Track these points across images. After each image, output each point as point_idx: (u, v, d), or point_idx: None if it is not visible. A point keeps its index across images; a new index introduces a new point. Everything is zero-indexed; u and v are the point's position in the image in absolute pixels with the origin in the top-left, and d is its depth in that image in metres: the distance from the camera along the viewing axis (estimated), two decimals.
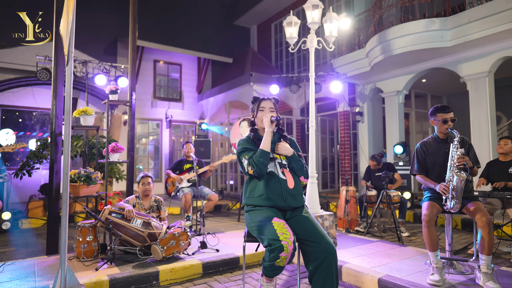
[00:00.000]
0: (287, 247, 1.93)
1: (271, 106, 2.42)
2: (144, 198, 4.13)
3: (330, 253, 2.03)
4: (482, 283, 2.67)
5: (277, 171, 2.27)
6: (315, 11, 4.19)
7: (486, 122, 6.21)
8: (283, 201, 2.21)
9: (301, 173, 2.36)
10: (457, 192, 2.74)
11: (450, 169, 2.82)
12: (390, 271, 3.10)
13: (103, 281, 2.96)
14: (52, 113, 3.98)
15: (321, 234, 2.11)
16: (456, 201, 2.74)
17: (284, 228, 2.02)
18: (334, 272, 2.04)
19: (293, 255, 1.99)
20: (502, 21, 5.35)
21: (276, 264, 1.95)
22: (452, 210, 2.82)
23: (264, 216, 2.14)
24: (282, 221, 2.08)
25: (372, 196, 5.54)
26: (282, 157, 2.33)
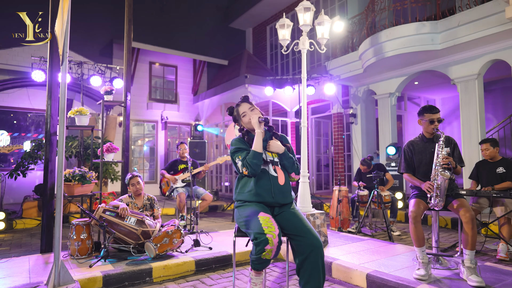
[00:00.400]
0: (272, 240, 2.00)
1: (249, 106, 2.44)
2: (136, 197, 4.18)
3: (316, 247, 2.09)
4: (465, 277, 2.75)
5: (268, 168, 2.33)
6: (307, 13, 4.28)
7: (475, 123, 6.33)
8: (272, 197, 2.27)
9: (292, 170, 2.41)
10: (441, 191, 2.83)
11: (435, 168, 2.91)
12: (379, 267, 3.17)
13: (96, 277, 3.01)
14: (47, 113, 4.03)
15: (308, 229, 2.17)
16: (440, 199, 2.83)
17: (269, 222, 2.08)
18: (320, 265, 2.11)
19: (278, 248, 2.05)
20: (490, 24, 5.47)
21: (263, 257, 2.02)
22: (436, 208, 2.90)
23: (251, 211, 2.21)
24: (268, 216, 2.14)
25: (364, 196, 5.63)
26: (274, 154, 2.39)
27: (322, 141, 11.07)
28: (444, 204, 2.94)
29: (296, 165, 2.42)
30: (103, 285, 3.02)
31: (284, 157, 2.38)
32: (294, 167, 2.40)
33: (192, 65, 12.20)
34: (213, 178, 11.50)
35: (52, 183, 3.97)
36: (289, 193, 2.39)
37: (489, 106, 9.83)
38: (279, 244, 2.05)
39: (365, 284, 3.02)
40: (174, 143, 12.10)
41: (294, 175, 2.45)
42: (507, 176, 4.31)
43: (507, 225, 4.09)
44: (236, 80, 9.72)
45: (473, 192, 4.16)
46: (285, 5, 11.15)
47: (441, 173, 2.82)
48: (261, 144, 2.30)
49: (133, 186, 4.09)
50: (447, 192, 2.98)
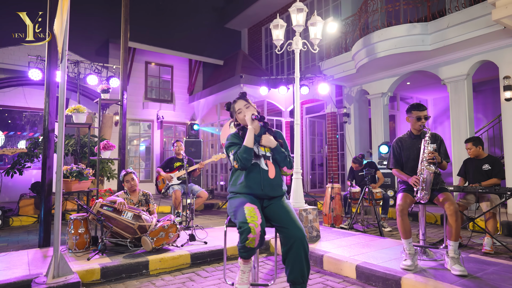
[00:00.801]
0: (254, 229, 2.10)
1: (244, 103, 2.54)
2: (132, 193, 4.27)
3: (298, 238, 2.18)
4: (449, 266, 2.88)
5: (260, 162, 2.44)
6: (300, 14, 4.40)
7: (464, 122, 6.48)
8: (261, 190, 2.38)
9: (284, 164, 2.49)
10: (427, 184, 2.96)
11: (421, 163, 3.04)
12: (368, 259, 3.29)
13: (94, 269, 3.10)
14: (45, 111, 4.10)
15: (292, 220, 2.26)
16: (426, 192, 2.96)
17: (253, 212, 2.19)
18: (303, 256, 2.19)
19: (262, 238, 2.15)
20: (478, 26, 5.63)
21: (247, 245, 2.12)
22: (422, 201, 3.03)
23: (239, 202, 2.32)
24: (253, 206, 2.25)
25: (356, 193, 5.75)
26: (267, 149, 2.49)
27: (317, 140, 11.21)
28: (430, 197, 3.07)
29: (289, 159, 2.50)
30: (101, 277, 3.11)
31: (276, 151, 2.48)
32: (286, 161, 2.48)
33: (188, 65, 12.29)
34: (209, 177, 11.59)
35: (50, 179, 4.04)
36: (279, 186, 2.47)
37: (479, 106, 10.03)
38: (261, 233, 2.14)
39: (354, 275, 3.14)
40: (170, 142, 12.17)
41: (286, 169, 2.52)
42: (493, 172, 4.46)
43: (492, 220, 4.23)
44: (231, 80, 9.82)
45: (460, 188, 4.30)
46: (280, 6, 11.27)
47: (426, 167, 2.95)
48: (252, 139, 2.41)
49: (128, 183, 4.18)
50: (433, 187, 3.10)
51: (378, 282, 2.93)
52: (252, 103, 2.58)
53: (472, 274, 2.79)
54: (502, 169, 4.52)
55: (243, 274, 2.31)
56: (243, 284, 2.29)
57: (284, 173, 2.54)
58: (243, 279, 2.30)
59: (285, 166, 2.50)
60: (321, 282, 3.11)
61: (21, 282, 2.75)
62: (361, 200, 5.51)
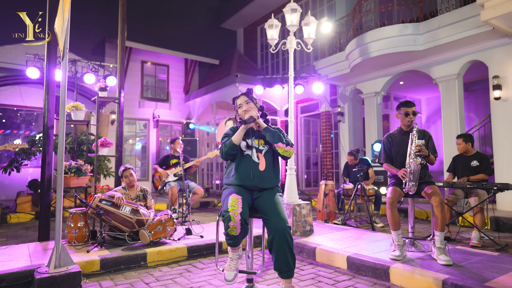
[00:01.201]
0: (234, 217, 2.23)
1: (246, 99, 2.65)
2: (130, 188, 4.36)
3: (280, 229, 2.27)
4: (436, 256, 3.01)
5: (252, 154, 2.55)
6: (294, 14, 4.51)
7: (455, 120, 6.64)
8: (250, 181, 2.49)
9: (279, 140, 2.50)
10: (414, 175, 3.09)
11: (409, 156, 3.17)
12: (359, 251, 3.41)
13: (94, 261, 3.19)
14: (45, 108, 4.18)
15: (276, 212, 2.35)
16: (413, 184, 3.09)
17: (235, 202, 2.31)
18: (286, 246, 2.28)
19: (243, 227, 2.27)
20: (467, 27, 5.78)
21: (229, 233, 2.25)
22: (410, 192, 3.16)
23: (228, 192, 2.45)
24: (237, 196, 2.36)
25: (349, 189, 5.88)
26: (261, 141, 2.59)
27: (312, 139, 11.34)
28: (417, 190, 3.20)
29: (282, 136, 2.53)
30: (100, 268, 3.20)
31: (267, 131, 2.52)
32: (280, 138, 2.50)
33: (183, 64, 12.37)
34: (204, 175, 11.68)
35: (50, 174, 4.12)
36: (269, 178, 2.54)
37: (471, 105, 10.22)
38: (242, 222, 2.25)
39: (345, 265, 3.26)
40: (166, 141, 12.25)
41: (283, 145, 2.49)
42: (481, 168, 4.60)
43: (480, 214, 4.37)
44: (227, 79, 9.92)
45: (450, 183, 4.44)
46: (275, 6, 11.39)
47: (413, 159, 3.09)
48: (241, 137, 2.53)
49: (126, 178, 4.27)
50: (421, 180, 3.24)
51: (368, 272, 3.05)
52: (255, 100, 2.65)
53: (457, 264, 2.92)
54: (490, 166, 4.66)
55: (231, 261, 2.45)
56: (230, 271, 2.43)
57: (282, 151, 2.50)
58: (231, 266, 2.43)
59: (280, 142, 2.50)
60: (313, 272, 3.22)
61: (24, 272, 2.84)
62: (354, 197, 5.64)
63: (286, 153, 2.51)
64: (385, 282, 2.90)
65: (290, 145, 2.53)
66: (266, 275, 3.17)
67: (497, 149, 6.03)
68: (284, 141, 2.51)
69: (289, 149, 2.52)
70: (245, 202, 2.38)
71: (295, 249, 3.88)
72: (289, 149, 2.52)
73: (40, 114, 9.62)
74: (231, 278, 2.41)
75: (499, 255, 3.22)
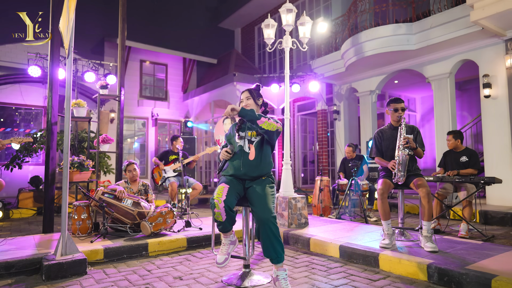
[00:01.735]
0: (218, 204, 2.42)
1: (247, 95, 2.81)
2: (132, 183, 4.51)
3: (264, 220, 2.40)
4: (423, 244, 3.18)
5: (244, 146, 2.71)
6: (289, 14, 4.67)
7: (447, 118, 6.82)
8: (240, 170, 2.66)
9: (260, 116, 2.55)
10: (402, 166, 3.26)
11: (398, 148, 3.34)
12: (350, 241, 3.58)
13: (98, 250, 3.34)
14: (48, 104, 4.32)
15: (261, 203, 2.48)
16: (402, 174, 3.25)
17: (220, 190, 2.50)
18: (271, 236, 2.40)
19: (228, 214, 2.44)
20: (459, 27, 5.96)
21: (216, 219, 2.47)
22: (399, 182, 3.32)
23: (221, 182, 2.64)
24: (224, 185, 2.55)
25: (344, 185, 6.04)
26: (253, 133, 2.74)
27: (308, 138, 11.50)
28: (406, 181, 3.37)
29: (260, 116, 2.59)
30: (104, 257, 3.35)
31: (242, 112, 2.56)
32: (254, 115, 2.55)
33: (182, 63, 12.51)
34: (202, 173, 11.82)
35: (53, 169, 4.26)
36: (258, 167, 2.66)
37: (465, 104, 10.42)
38: (226, 209, 2.43)
39: (338, 254, 3.42)
40: (164, 140, 12.40)
41: (264, 119, 2.55)
42: (470, 164, 4.77)
43: (468, 207, 4.55)
44: (225, 78, 10.07)
45: (439, 178, 4.61)
46: (272, 6, 11.53)
47: (401, 151, 3.26)
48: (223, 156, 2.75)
49: (130, 172, 4.41)
50: (409, 173, 3.41)
51: (359, 259, 3.21)
52: (256, 96, 2.79)
53: (442, 251, 3.09)
54: (479, 161, 4.83)
55: (223, 247, 2.67)
56: (222, 255, 2.65)
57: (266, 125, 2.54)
58: (223, 250, 2.66)
59: (261, 117, 2.55)
60: (307, 261, 3.38)
61: (32, 259, 2.99)
62: (348, 191, 5.80)
63: (270, 127, 2.54)
64: (374, 268, 3.06)
65: (274, 121, 2.59)
66: (263, 263, 3.33)
67: (487, 146, 6.21)
68: (259, 117, 2.55)
69: (272, 122, 2.56)
70: (232, 190, 2.54)
71: (291, 240, 4.04)
72: (272, 122, 2.56)
73: (39, 112, 9.74)
74: (221, 261, 2.63)
75: (483, 243, 3.39)
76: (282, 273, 2.42)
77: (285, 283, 2.39)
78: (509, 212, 5.18)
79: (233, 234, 2.75)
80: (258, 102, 2.83)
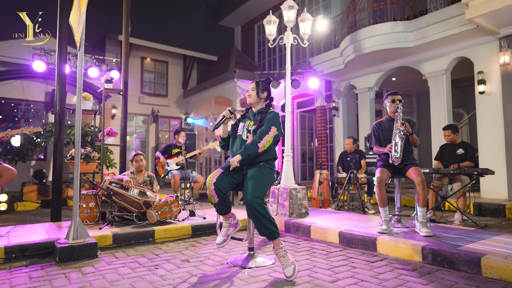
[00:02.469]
0: (209, 186, 2.63)
1: (253, 86, 2.96)
2: (138, 173, 4.64)
3: (248, 202, 2.54)
4: (418, 229, 3.33)
5: (243, 134, 2.87)
6: (291, 11, 4.82)
7: (443, 114, 6.98)
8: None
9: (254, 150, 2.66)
10: (398, 147, 3.41)
11: (394, 131, 3.48)
12: (350, 227, 3.73)
13: (107, 236, 3.47)
14: (56, 97, 4.45)
15: (247, 186, 2.60)
16: (398, 154, 3.39)
17: (213, 174, 2.69)
18: (258, 214, 2.52)
19: (220, 196, 2.63)
20: (454, 25, 6.12)
21: (210, 200, 2.68)
22: (395, 163, 3.45)
23: (219, 167, 2.81)
24: (218, 170, 2.72)
25: (342, 178, 6.20)
26: (251, 123, 2.88)
27: (307, 134, 11.66)
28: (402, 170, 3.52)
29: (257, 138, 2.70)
30: (113, 242, 3.49)
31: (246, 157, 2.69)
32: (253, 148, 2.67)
33: (182, 60, 12.64)
34: (203, 169, 11.96)
35: (61, 159, 4.39)
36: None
37: (461, 101, 10.59)
38: (217, 192, 2.61)
39: (337, 240, 3.57)
40: (164, 137, 12.52)
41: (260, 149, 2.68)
42: (466, 156, 4.93)
43: (462, 198, 4.71)
44: (225, 75, 10.21)
45: (435, 170, 4.77)
46: (272, 4, 11.66)
47: (398, 133, 3.41)
48: (223, 132, 2.95)
49: (137, 162, 4.55)
50: (406, 162, 3.56)
51: (357, 244, 3.36)
52: (262, 90, 2.92)
53: (436, 235, 3.24)
54: (474, 154, 4.99)
55: (223, 228, 2.87)
56: (221, 236, 2.85)
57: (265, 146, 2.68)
58: (222, 232, 2.86)
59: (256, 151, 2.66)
60: (308, 246, 3.53)
61: (45, 243, 3.12)
62: (347, 184, 5.95)
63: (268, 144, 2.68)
64: (372, 252, 3.21)
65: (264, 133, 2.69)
66: (266, 247, 3.48)
67: (481, 141, 6.38)
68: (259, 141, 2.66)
69: (267, 138, 2.68)
70: (226, 175, 2.69)
71: (292, 228, 4.19)
72: (266, 139, 2.67)
73: (40, 108, 9.84)
74: (219, 242, 2.83)
75: (475, 230, 3.55)
76: (280, 252, 2.54)
77: (284, 260, 2.51)
78: (502, 204, 5.35)
79: (233, 217, 2.89)
80: (262, 95, 2.95)
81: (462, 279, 2.45)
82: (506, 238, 3.09)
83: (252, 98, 2.93)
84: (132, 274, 2.65)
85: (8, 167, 3.57)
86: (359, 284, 2.37)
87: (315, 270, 2.71)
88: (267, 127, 2.73)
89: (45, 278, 2.56)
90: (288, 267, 2.49)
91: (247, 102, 2.99)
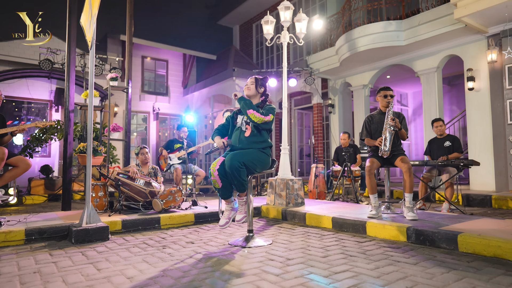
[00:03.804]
0: (212, 173, 2.93)
1: (252, 80, 3.25)
2: (143, 166, 4.91)
3: (228, 167, 2.86)
4: (405, 214, 3.60)
5: (242, 126, 3.17)
6: (287, 11, 5.08)
7: (435, 110, 7.26)
8: (237, 145, 3.12)
9: (250, 107, 3.02)
10: (388, 141, 3.68)
11: (385, 126, 3.75)
12: (342, 214, 4.00)
13: (117, 221, 3.74)
14: (66, 93, 4.71)
15: (229, 156, 2.93)
16: (387, 147, 3.66)
17: (216, 162, 2.97)
18: (237, 177, 2.87)
19: (224, 182, 2.94)
20: (444, 24, 6.39)
21: (214, 186, 2.97)
22: (384, 156, 3.72)
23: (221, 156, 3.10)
24: (220, 158, 2.99)
25: (337, 171, 6.47)
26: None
27: (305, 131, 11.93)
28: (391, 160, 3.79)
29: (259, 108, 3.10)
30: (122, 228, 3.75)
31: (240, 100, 3.11)
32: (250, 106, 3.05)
33: (182, 59, 12.89)
34: (202, 165, 12.22)
35: (71, 152, 4.66)
36: (252, 142, 3.08)
37: (453, 98, 10.88)
38: (221, 177, 2.92)
39: (331, 225, 3.85)
40: (164, 134, 12.78)
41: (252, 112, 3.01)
42: (454, 148, 5.21)
43: (450, 188, 4.99)
44: (224, 73, 10.46)
45: (424, 162, 5.04)
46: (270, 4, 11.93)
47: (388, 128, 3.68)
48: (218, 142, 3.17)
49: (142, 155, 4.82)
50: (394, 153, 3.83)
51: (349, 228, 3.64)
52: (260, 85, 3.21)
53: (422, 219, 3.52)
54: (461, 145, 5.28)
55: (225, 212, 3.17)
56: (224, 219, 3.16)
57: (253, 117, 3.00)
58: (225, 215, 3.17)
59: (251, 108, 3.01)
60: (304, 231, 3.80)
61: (61, 226, 3.39)
62: (342, 176, 6.23)
63: (256, 119, 2.99)
64: (362, 234, 3.49)
65: (264, 114, 3.01)
66: (264, 232, 3.75)
67: (471, 136, 6.66)
68: (255, 109, 3.02)
69: (258, 116, 2.99)
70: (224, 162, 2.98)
71: (288, 216, 4.46)
72: (257, 115, 2.99)
73: (44, 106, 10.08)
74: (222, 223, 3.15)
75: (459, 215, 3.83)
76: (242, 200, 3.15)
77: (241, 207, 3.16)
78: (488, 195, 5.63)
79: (234, 202, 3.18)
80: (259, 90, 3.24)
81: (440, 254, 2.72)
82: (484, 221, 3.37)
83: (251, 91, 3.21)
84: (143, 252, 2.92)
85: (24, 158, 3.82)
86: (348, 259, 2.64)
87: (309, 249, 2.98)
88: (266, 114, 3.06)
89: (65, 255, 2.82)
90: (241, 214, 3.12)
91: (244, 94, 3.25)
